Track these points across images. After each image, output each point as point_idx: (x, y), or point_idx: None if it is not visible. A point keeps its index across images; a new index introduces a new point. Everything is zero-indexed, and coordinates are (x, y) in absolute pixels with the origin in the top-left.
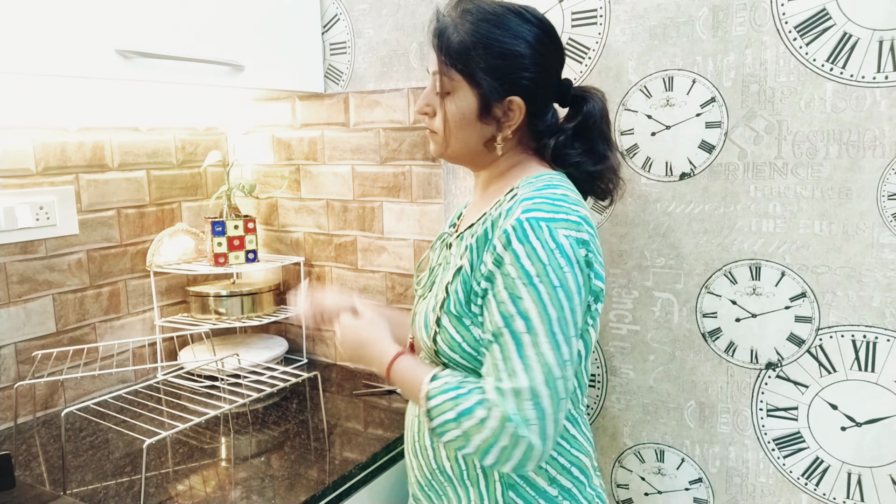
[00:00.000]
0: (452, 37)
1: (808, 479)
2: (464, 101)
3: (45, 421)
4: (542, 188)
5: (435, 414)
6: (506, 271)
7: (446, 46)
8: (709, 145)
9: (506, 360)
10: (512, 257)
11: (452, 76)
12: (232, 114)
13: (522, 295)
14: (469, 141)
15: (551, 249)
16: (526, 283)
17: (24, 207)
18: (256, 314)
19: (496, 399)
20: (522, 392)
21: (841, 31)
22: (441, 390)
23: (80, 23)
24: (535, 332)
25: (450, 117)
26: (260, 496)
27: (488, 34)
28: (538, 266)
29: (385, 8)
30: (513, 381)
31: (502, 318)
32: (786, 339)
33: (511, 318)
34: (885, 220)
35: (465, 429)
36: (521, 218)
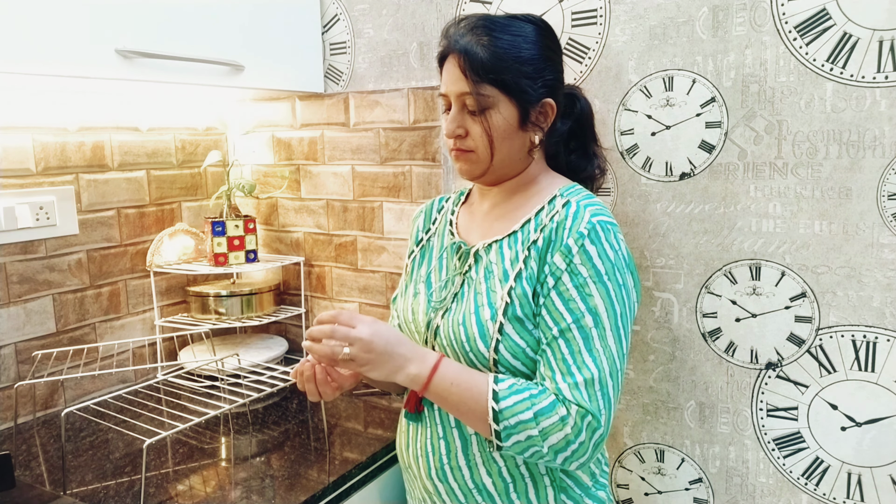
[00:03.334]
0: (479, 54)
1: (808, 479)
2: (505, 113)
3: (45, 421)
4: (589, 196)
5: (508, 415)
6: (576, 270)
7: (477, 64)
8: (709, 145)
9: (574, 354)
10: (584, 257)
11: (486, 91)
12: (232, 114)
13: (592, 292)
14: (512, 150)
15: (616, 250)
16: (596, 282)
17: (24, 207)
18: (256, 314)
19: (570, 395)
20: (594, 382)
21: (841, 31)
22: (512, 391)
23: (80, 23)
24: (602, 327)
25: (494, 131)
26: (260, 496)
27: (511, 43)
28: (608, 265)
29: (385, 8)
30: (583, 374)
31: (571, 314)
32: (786, 339)
33: (581, 315)
34: (885, 220)
35: (543, 427)
36: (592, 221)
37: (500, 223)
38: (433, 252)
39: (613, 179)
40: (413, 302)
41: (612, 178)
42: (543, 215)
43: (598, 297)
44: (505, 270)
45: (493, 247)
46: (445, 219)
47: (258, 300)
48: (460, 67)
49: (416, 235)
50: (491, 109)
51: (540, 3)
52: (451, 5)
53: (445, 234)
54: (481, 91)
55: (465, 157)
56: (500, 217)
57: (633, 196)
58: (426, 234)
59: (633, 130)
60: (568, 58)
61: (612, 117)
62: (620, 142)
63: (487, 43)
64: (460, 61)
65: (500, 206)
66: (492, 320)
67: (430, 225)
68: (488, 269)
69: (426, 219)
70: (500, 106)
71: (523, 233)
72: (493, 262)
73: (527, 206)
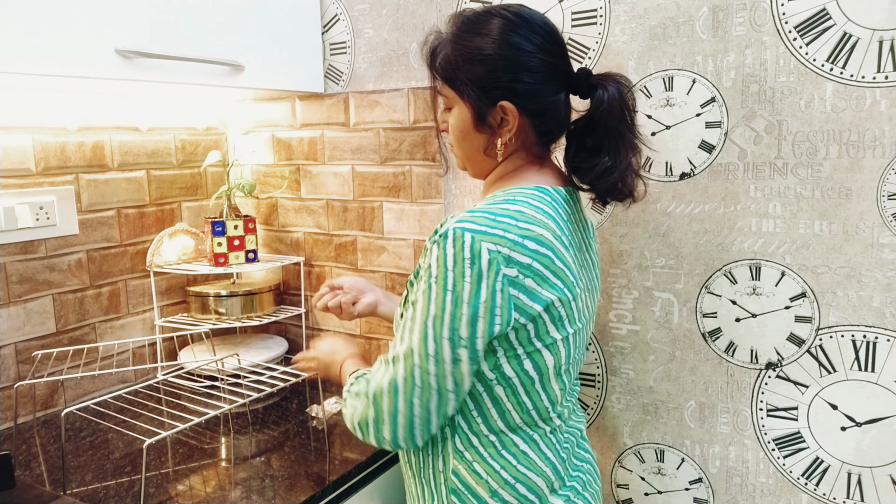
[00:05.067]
0: (439, 53)
1: (808, 479)
2: (460, 114)
3: (45, 421)
4: (499, 202)
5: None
6: (422, 264)
7: (436, 64)
8: (709, 145)
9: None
10: (429, 254)
11: (445, 92)
12: (232, 114)
13: (421, 287)
14: (471, 151)
15: (463, 259)
16: (425, 280)
17: (24, 207)
18: (256, 314)
19: (376, 367)
20: (396, 358)
21: (841, 31)
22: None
23: (80, 23)
24: (412, 319)
25: (452, 131)
26: (260, 496)
27: (467, 44)
28: (440, 270)
29: (385, 8)
30: (392, 351)
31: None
32: (786, 339)
33: (413, 303)
34: (885, 220)
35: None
36: (448, 227)
37: None
38: None
39: None
40: None
41: None
42: None
43: (420, 291)
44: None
45: None
46: None
47: (258, 300)
48: (427, 66)
49: None
50: (452, 108)
51: (540, 3)
52: (451, 5)
53: None
54: (442, 91)
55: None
56: None
57: None
58: None
59: None
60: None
61: None
62: None
63: (448, 44)
64: (428, 60)
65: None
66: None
67: None
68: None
69: None
70: (457, 106)
71: None
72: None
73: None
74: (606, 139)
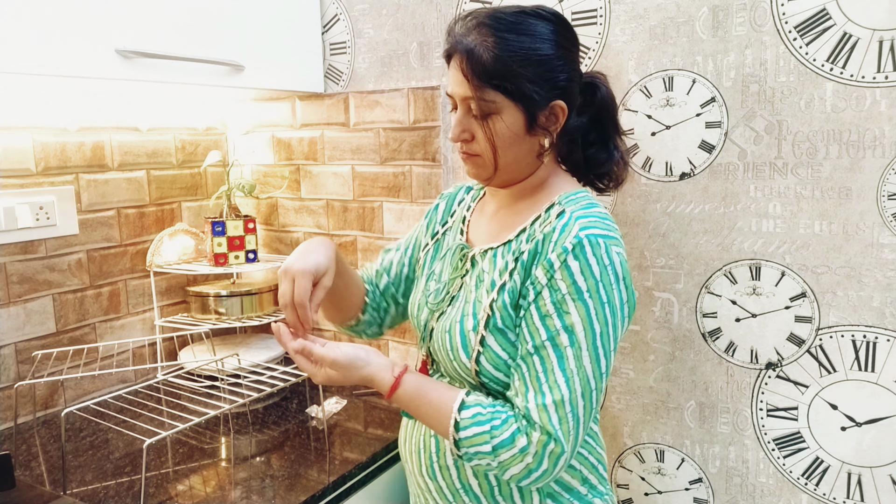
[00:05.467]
0: (483, 56)
1: (808, 479)
2: (509, 119)
3: (45, 421)
4: (588, 206)
5: (466, 445)
6: (556, 286)
7: (479, 68)
8: (709, 145)
9: (546, 372)
10: (565, 273)
11: (490, 97)
12: (232, 114)
13: (570, 310)
14: (519, 156)
15: (605, 266)
16: (575, 299)
17: (24, 207)
18: (256, 314)
19: (537, 416)
20: (564, 404)
21: (841, 31)
22: (474, 422)
23: (80, 23)
24: (578, 346)
25: (498, 138)
26: (260, 496)
27: (518, 44)
28: (591, 282)
29: (385, 8)
30: (554, 394)
31: (546, 331)
32: (786, 339)
33: (556, 332)
34: (885, 220)
35: (502, 460)
36: (580, 235)
37: (501, 228)
38: (442, 250)
39: None
40: (420, 298)
41: None
42: (537, 225)
43: (576, 315)
44: (493, 281)
45: (488, 254)
46: (461, 215)
47: (258, 300)
48: (462, 71)
49: (433, 227)
50: (494, 115)
51: (540, 3)
52: (451, 5)
53: (456, 233)
54: (485, 97)
55: (471, 160)
56: (502, 221)
57: (633, 196)
58: (442, 227)
59: (633, 130)
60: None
61: None
62: None
63: (492, 45)
64: (462, 64)
65: (505, 210)
66: (473, 331)
67: (447, 218)
68: (480, 276)
69: (446, 210)
70: (505, 112)
71: (517, 242)
72: (486, 270)
73: (528, 213)
74: (610, 131)
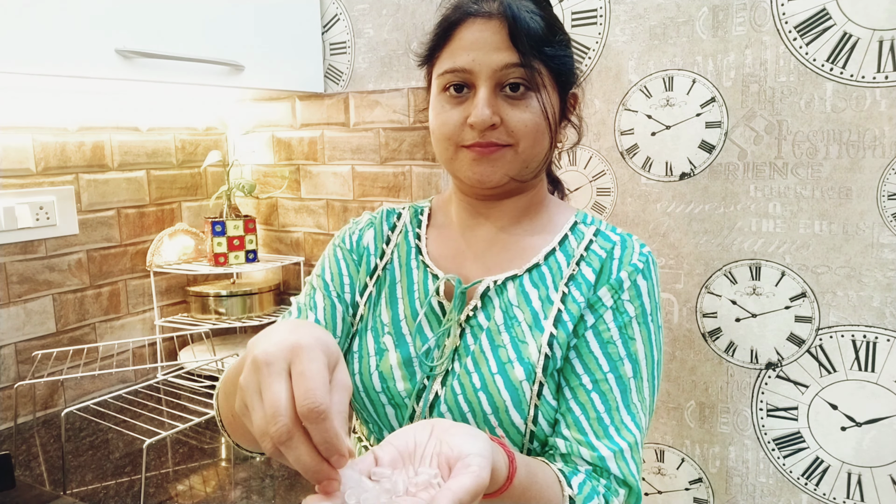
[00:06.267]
0: (534, 18)
1: (808, 479)
2: (552, 97)
3: (45, 421)
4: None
5: None
6: (622, 308)
7: (534, 31)
8: (709, 145)
9: (611, 412)
10: (633, 293)
11: (538, 67)
12: (232, 114)
13: (635, 335)
14: (544, 149)
15: (658, 288)
16: (641, 322)
17: (24, 207)
18: (256, 314)
19: (616, 467)
20: (636, 447)
21: (841, 31)
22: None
23: (80, 23)
24: (640, 377)
25: (534, 122)
26: (260, 496)
27: (553, 17)
28: (652, 304)
29: (385, 8)
30: (626, 438)
31: (608, 361)
32: (786, 339)
33: (619, 361)
34: (885, 220)
35: None
36: (644, 252)
37: (508, 256)
38: (398, 291)
39: (613, 179)
40: (380, 363)
41: (612, 178)
42: (571, 244)
43: (640, 342)
44: (534, 313)
45: (508, 285)
46: (406, 243)
47: (258, 300)
48: (509, 33)
49: (368, 262)
50: (539, 92)
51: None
52: None
53: (413, 266)
54: (534, 65)
55: (495, 155)
56: (506, 248)
57: (633, 196)
58: (381, 260)
59: (633, 130)
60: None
61: (612, 117)
62: (620, 142)
63: (536, 9)
64: (510, 25)
65: (507, 232)
66: (528, 381)
67: (383, 247)
68: (508, 313)
69: (378, 238)
70: (543, 92)
71: (549, 266)
72: (515, 304)
73: (539, 235)
74: None
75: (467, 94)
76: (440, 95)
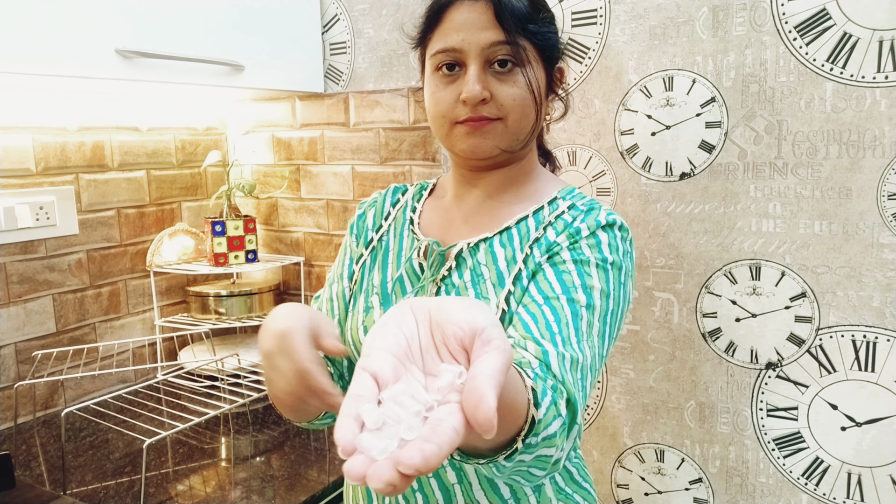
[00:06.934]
0: (515, 2)
1: (808, 479)
2: (538, 72)
3: (45, 421)
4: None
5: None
6: (580, 250)
7: (518, 9)
8: (709, 145)
9: (560, 324)
10: (593, 241)
11: (523, 43)
12: (232, 114)
13: (592, 274)
14: (531, 122)
15: (627, 251)
16: (599, 267)
17: (24, 207)
18: (256, 314)
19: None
20: (579, 366)
21: (841, 31)
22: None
23: (80, 23)
24: (593, 311)
25: (521, 96)
26: (260, 496)
27: None
28: (614, 256)
29: (385, 8)
30: (569, 349)
31: (562, 287)
32: (786, 339)
33: (574, 289)
34: (885, 220)
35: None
36: (611, 218)
37: (490, 218)
38: (389, 256)
39: (613, 179)
40: (365, 319)
41: (612, 178)
42: (545, 213)
43: (597, 280)
44: (499, 272)
45: (480, 246)
46: (403, 216)
47: (258, 300)
48: (495, 12)
49: (366, 235)
50: (526, 67)
51: None
52: None
53: (405, 235)
54: (519, 42)
55: (483, 129)
56: (489, 213)
57: (633, 196)
58: (377, 233)
59: (633, 130)
60: (568, 57)
61: (612, 117)
62: (620, 142)
63: None
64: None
65: (493, 199)
66: None
67: (381, 222)
68: (476, 271)
69: (377, 214)
70: (529, 67)
71: (519, 230)
72: (483, 263)
73: (524, 204)
74: None
75: (459, 73)
76: (433, 75)
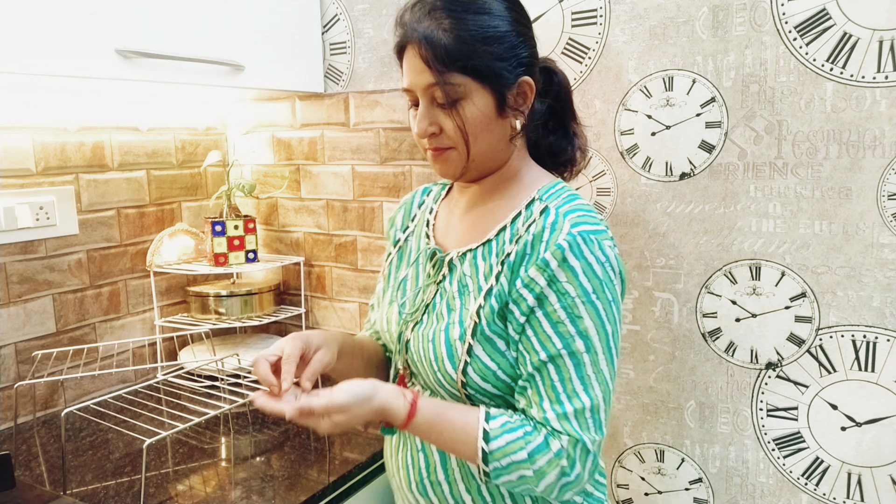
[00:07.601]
0: (442, 39)
1: (808, 479)
2: (479, 102)
3: (45, 421)
4: (570, 199)
5: (499, 456)
6: (563, 290)
7: (441, 51)
8: (709, 145)
9: (564, 382)
10: (569, 275)
11: (456, 80)
12: (232, 114)
13: (582, 314)
14: (493, 142)
15: (602, 263)
16: (585, 301)
17: (24, 207)
18: (256, 314)
19: (559, 425)
20: (584, 412)
21: (841, 31)
22: (505, 430)
23: (80, 23)
24: (594, 351)
25: (469, 123)
26: (260, 496)
27: (476, 23)
28: (595, 282)
29: (385, 8)
30: (574, 404)
31: (561, 339)
32: (786, 339)
33: (571, 339)
34: (885, 220)
35: (539, 466)
36: (573, 232)
37: (476, 227)
38: (410, 256)
39: (613, 179)
40: (388, 311)
41: (612, 178)
42: (519, 223)
43: (589, 319)
44: (479, 286)
45: (467, 256)
46: (423, 218)
47: (258, 300)
48: (422, 57)
49: (394, 236)
50: (463, 100)
51: (540, 2)
52: None
53: (422, 237)
54: (450, 80)
55: (441, 157)
56: (477, 220)
57: (633, 196)
58: (404, 233)
59: (633, 130)
60: (568, 58)
61: (612, 117)
62: (620, 142)
63: (449, 26)
64: (421, 50)
65: (478, 207)
66: (460, 340)
67: (408, 223)
68: (462, 281)
69: (405, 216)
70: (474, 95)
71: (497, 243)
72: (468, 274)
73: (505, 209)
74: (567, 117)
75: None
76: (410, 108)
